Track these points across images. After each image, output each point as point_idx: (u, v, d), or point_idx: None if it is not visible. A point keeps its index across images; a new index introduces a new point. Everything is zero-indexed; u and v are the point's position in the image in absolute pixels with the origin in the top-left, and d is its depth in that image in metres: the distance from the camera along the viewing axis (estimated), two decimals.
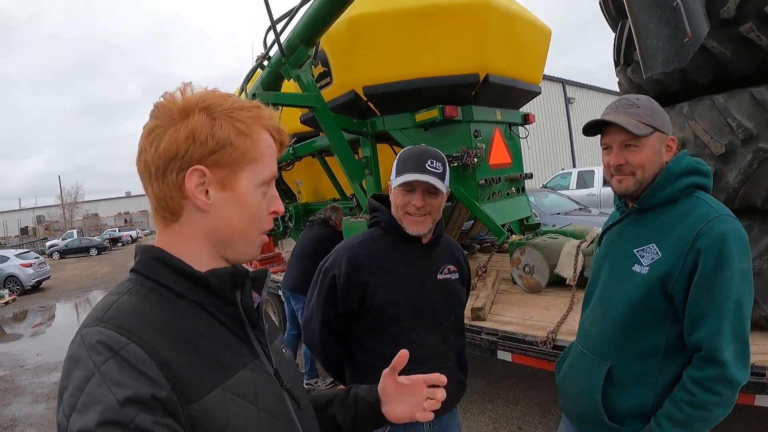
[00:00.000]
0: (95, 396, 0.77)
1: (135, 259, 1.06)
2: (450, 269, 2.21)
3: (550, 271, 4.66)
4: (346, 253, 2.13)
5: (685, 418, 1.61)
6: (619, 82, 4.11)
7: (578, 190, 15.55)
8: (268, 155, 1.08)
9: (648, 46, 2.09)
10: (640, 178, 1.80)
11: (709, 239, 1.61)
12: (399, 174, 2.03)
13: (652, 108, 1.83)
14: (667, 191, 1.77)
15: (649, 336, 1.74)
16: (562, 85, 29.06)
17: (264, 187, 1.08)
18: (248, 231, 1.07)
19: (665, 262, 1.69)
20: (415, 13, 5.02)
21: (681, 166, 1.78)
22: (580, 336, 2.07)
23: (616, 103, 1.90)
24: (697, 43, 1.97)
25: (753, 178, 2.79)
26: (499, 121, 5.82)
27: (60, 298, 18.37)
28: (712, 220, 1.64)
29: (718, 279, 1.59)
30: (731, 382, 1.58)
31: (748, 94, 2.79)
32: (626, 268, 1.81)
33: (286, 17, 5.13)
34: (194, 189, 0.99)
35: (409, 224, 2.07)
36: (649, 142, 1.78)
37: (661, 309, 1.72)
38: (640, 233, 1.83)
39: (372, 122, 5.67)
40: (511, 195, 5.94)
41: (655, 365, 1.73)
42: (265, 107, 1.10)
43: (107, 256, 36.50)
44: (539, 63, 6.31)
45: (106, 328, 0.86)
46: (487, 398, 5.29)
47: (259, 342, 1.11)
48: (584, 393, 1.89)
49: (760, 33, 2.73)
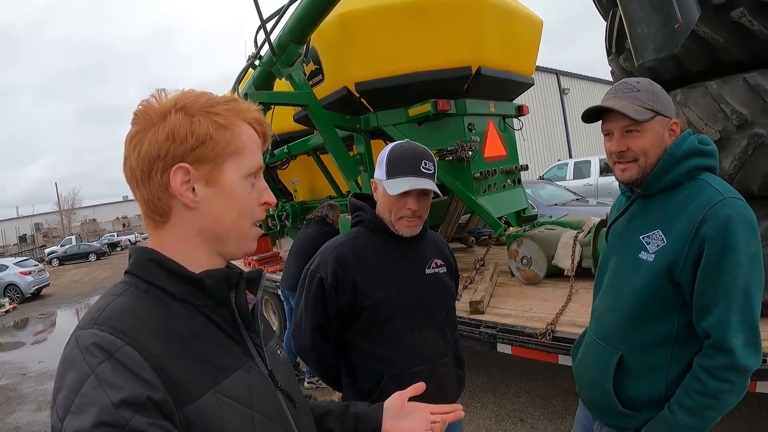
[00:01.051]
0: (90, 398, 0.77)
1: (129, 260, 1.05)
2: (437, 263, 2.19)
3: (547, 263, 4.65)
4: (332, 253, 2.08)
5: (696, 407, 1.60)
6: (611, 70, 4.10)
7: (575, 181, 15.56)
8: (251, 146, 1.07)
9: (639, 33, 2.09)
10: (643, 164, 1.76)
11: (714, 225, 1.57)
12: (391, 176, 1.98)
13: (653, 91, 1.78)
14: (671, 176, 1.73)
15: (659, 324, 1.72)
16: (556, 76, 29.05)
17: (251, 179, 1.07)
18: (240, 224, 1.06)
19: (670, 249, 1.66)
20: (405, 7, 5.00)
21: (682, 149, 1.73)
22: (593, 323, 2.05)
23: (615, 87, 1.84)
24: (688, 29, 1.96)
25: (748, 163, 2.78)
26: (493, 114, 5.81)
27: (60, 305, 18.36)
28: (716, 204, 1.59)
29: (724, 267, 1.55)
30: (742, 370, 1.57)
31: (741, 80, 2.77)
32: (633, 256, 1.78)
33: (276, 16, 5.11)
34: (180, 187, 0.99)
35: (404, 227, 2.04)
36: (651, 127, 1.74)
37: (670, 297, 1.69)
38: (645, 219, 1.80)
39: (365, 118, 5.65)
40: (507, 187, 5.93)
41: (666, 354, 1.71)
42: (243, 101, 1.10)
43: (107, 261, 36.56)
44: (531, 54, 6.28)
45: (100, 330, 0.86)
46: (489, 391, 5.29)
47: (254, 343, 1.10)
48: (596, 381, 1.88)
49: (752, 18, 2.71)
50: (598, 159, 15.53)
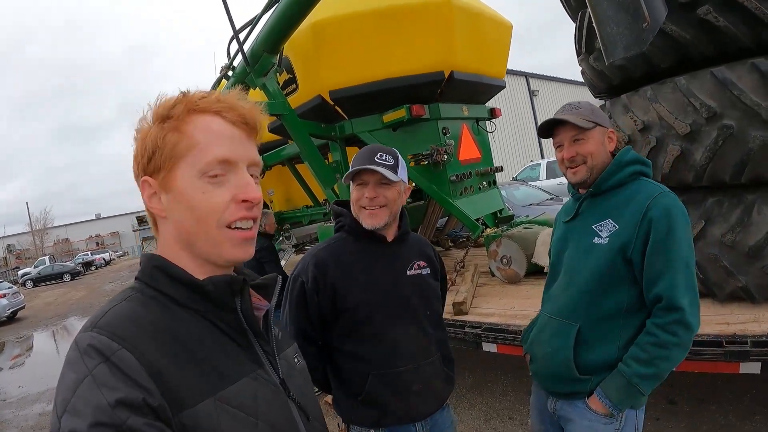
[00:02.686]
0: (87, 398, 0.78)
1: (140, 266, 1.07)
2: (420, 264, 2.21)
3: (527, 261, 4.71)
4: (312, 258, 2.11)
5: (649, 357, 1.86)
6: (582, 70, 4.18)
7: (548, 181, 15.70)
8: (206, 140, 1.00)
9: (608, 33, 2.15)
10: (591, 165, 2.09)
11: (658, 210, 1.89)
12: (350, 172, 2.05)
13: (592, 108, 2.13)
14: (618, 176, 2.07)
15: (612, 298, 2.00)
16: (526, 79, 29.40)
17: (208, 178, 0.99)
18: (203, 228, 1.00)
19: (622, 232, 1.96)
20: (377, 14, 5.05)
21: (627, 157, 2.09)
22: (548, 305, 2.30)
23: (562, 107, 2.18)
24: (656, 27, 2.02)
25: (719, 154, 2.88)
26: (467, 117, 5.89)
27: (37, 328, 17.93)
28: (658, 195, 1.93)
29: (669, 242, 1.87)
30: (688, 326, 1.85)
31: (709, 74, 2.88)
32: (587, 242, 2.08)
33: (249, 26, 5.11)
34: (147, 199, 1.03)
35: (365, 218, 2.07)
36: (594, 135, 2.08)
37: (622, 273, 1.97)
38: (596, 212, 2.11)
39: (340, 126, 5.68)
40: (483, 189, 6.00)
41: (617, 323, 1.99)
42: (205, 92, 1.06)
43: (81, 281, 35.77)
44: (502, 57, 6.38)
45: (99, 333, 0.86)
46: (476, 392, 5.31)
47: (263, 350, 1.09)
48: (555, 352, 2.12)
49: (717, 15, 2.81)
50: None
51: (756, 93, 2.72)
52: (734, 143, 2.82)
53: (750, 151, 2.79)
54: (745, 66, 2.78)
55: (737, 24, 2.82)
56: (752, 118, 2.74)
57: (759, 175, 2.88)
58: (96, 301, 21.59)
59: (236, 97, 1.07)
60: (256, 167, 1.08)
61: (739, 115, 2.78)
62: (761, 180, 2.91)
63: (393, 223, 2.15)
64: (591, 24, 3.62)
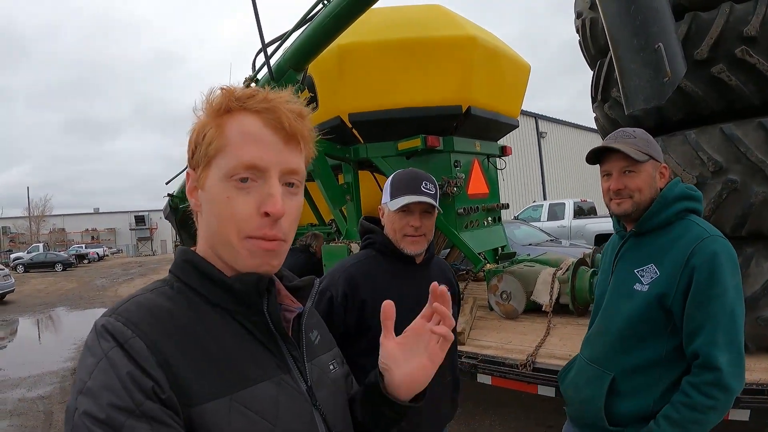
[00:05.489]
0: (102, 380, 0.79)
1: (173, 259, 1.07)
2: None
3: (527, 298, 4.77)
4: (343, 273, 2.12)
5: (681, 419, 1.73)
6: (595, 117, 4.31)
7: (549, 222, 15.77)
8: (238, 141, 0.94)
9: (631, 85, 2.26)
10: (638, 200, 1.95)
11: (702, 257, 1.76)
12: (395, 197, 2.07)
13: (647, 139, 2.00)
14: (663, 215, 1.93)
15: (648, 348, 1.89)
16: (535, 120, 29.65)
17: (235, 182, 0.93)
18: (224, 234, 0.95)
19: (663, 280, 1.84)
20: (403, 44, 5.20)
21: (674, 192, 1.94)
22: (585, 349, 2.20)
23: (615, 134, 2.06)
24: (676, 82, 2.15)
25: (722, 207, 3.01)
26: (479, 153, 6.01)
27: (23, 313, 17.69)
28: (704, 240, 1.79)
29: (712, 293, 1.73)
30: (726, 388, 1.70)
31: (717, 130, 3.02)
32: (628, 287, 1.96)
33: (278, 41, 5.22)
34: (189, 192, 1.02)
35: (408, 245, 2.11)
36: (645, 168, 1.95)
37: (660, 322, 1.86)
38: (639, 255, 1.98)
39: (355, 149, 5.79)
40: (488, 224, 6.11)
41: (653, 374, 1.87)
42: (246, 89, 0.99)
43: (73, 272, 35.20)
44: (518, 97, 6.54)
45: (116, 319, 0.87)
46: (464, 423, 5.32)
47: (291, 355, 1.04)
48: (589, 400, 2.02)
49: (731, 74, 2.96)
50: (572, 202, 15.85)
51: (761, 150, 2.86)
52: (737, 197, 2.95)
53: (752, 205, 2.91)
54: (752, 124, 2.92)
55: (747, 83, 2.97)
56: (756, 174, 2.87)
57: (758, 228, 2.99)
58: (86, 295, 21.40)
59: (285, 99, 0.98)
60: (292, 176, 0.99)
61: (743, 171, 2.91)
62: (760, 234, 3.03)
63: None
64: (608, 73, 3.75)
